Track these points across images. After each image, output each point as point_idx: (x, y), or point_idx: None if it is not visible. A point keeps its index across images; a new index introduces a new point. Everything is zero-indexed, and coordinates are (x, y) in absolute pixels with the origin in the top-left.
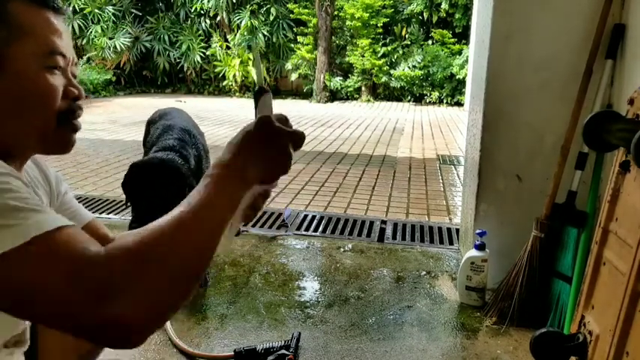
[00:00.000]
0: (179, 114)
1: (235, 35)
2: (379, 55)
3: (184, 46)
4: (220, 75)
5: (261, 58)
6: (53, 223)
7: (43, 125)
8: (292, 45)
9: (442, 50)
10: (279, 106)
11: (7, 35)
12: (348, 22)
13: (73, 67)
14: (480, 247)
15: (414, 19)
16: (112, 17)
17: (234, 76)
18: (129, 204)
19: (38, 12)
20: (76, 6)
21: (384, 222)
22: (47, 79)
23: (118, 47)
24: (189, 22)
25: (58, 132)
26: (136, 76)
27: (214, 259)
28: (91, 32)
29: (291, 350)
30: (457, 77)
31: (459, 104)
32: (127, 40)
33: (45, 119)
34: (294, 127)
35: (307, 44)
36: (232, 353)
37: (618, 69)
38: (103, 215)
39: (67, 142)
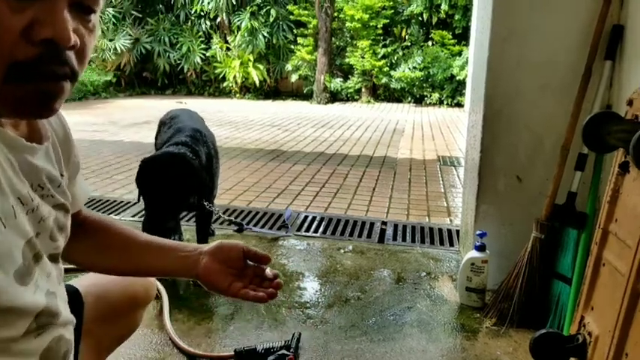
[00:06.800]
0: (190, 115)
1: (235, 37)
2: (379, 56)
3: (184, 48)
4: (220, 76)
5: (261, 59)
6: None
7: None
8: (292, 46)
9: (442, 51)
10: (280, 108)
11: None
12: (348, 24)
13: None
14: (480, 248)
15: (413, 21)
16: (112, 19)
17: (235, 77)
18: (140, 200)
19: None
20: None
21: (384, 223)
22: None
23: (118, 49)
24: (189, 23)
25: (11, 89)
26: (136, 78)
27: None
28: None
29: (291, 350)
30: (457, 78)
31: (459, 105)
32: (128, 41)
33: None
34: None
35: (307, 45)
36: (233, 353)
37: (617, 70)
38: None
39: (31, 103)
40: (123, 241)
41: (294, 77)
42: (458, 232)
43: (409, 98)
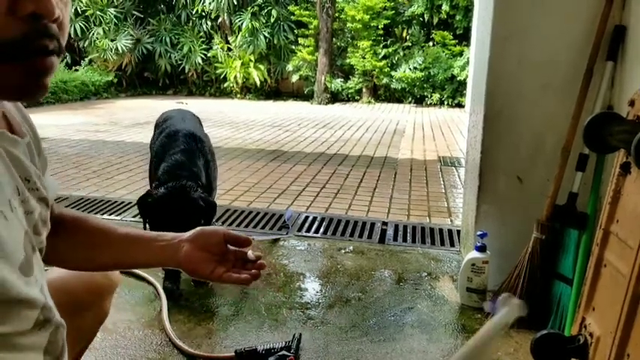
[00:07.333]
0: (183, 117)
1: (236, 37)
2: (380, 56)
3: (186, 48)
4: (221, 76)
5: (262, 59)
6: None
7: None
8: (293, 47)
9: (443, 52)
10: (280, 108)
11: None
12: (349, 24)
13: None
14: (481, 249)
15: (414, 21)
16: (114, 19)
17: (235, 77)
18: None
19: None
20: (78, 8)
21: (385, 223)
22: None
23: (119, 49)
24: (190, 24)
25: (4, 70)
26: (137, 78)
27: None
28: (93, 34)
29: (292, 351)
30: (458, 79)
31: (460, 106)
32: (129, 41)
33: None
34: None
35: (308, 46)
36: (233, 354)
37: (619, 71)
38: (105, 216)
39: (24, 82)
40: (104, 238)
41: (294, 78)
42: (458, 232)
43: (410, 99)
